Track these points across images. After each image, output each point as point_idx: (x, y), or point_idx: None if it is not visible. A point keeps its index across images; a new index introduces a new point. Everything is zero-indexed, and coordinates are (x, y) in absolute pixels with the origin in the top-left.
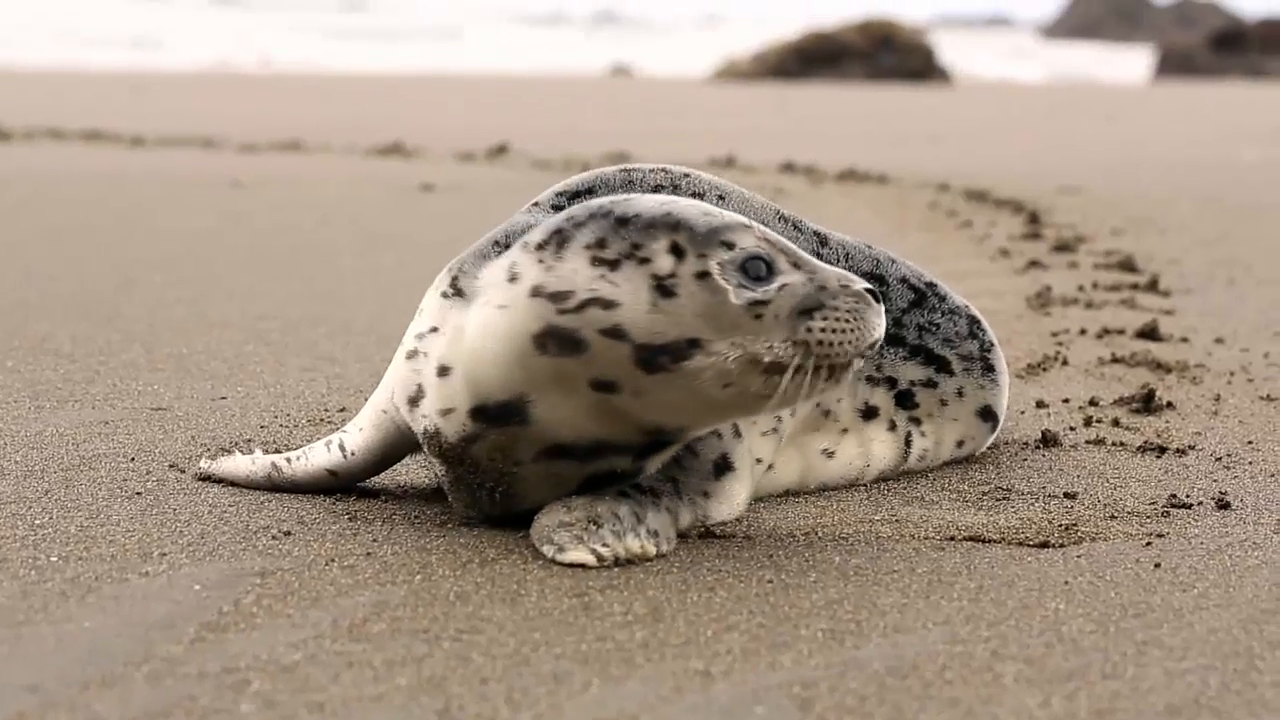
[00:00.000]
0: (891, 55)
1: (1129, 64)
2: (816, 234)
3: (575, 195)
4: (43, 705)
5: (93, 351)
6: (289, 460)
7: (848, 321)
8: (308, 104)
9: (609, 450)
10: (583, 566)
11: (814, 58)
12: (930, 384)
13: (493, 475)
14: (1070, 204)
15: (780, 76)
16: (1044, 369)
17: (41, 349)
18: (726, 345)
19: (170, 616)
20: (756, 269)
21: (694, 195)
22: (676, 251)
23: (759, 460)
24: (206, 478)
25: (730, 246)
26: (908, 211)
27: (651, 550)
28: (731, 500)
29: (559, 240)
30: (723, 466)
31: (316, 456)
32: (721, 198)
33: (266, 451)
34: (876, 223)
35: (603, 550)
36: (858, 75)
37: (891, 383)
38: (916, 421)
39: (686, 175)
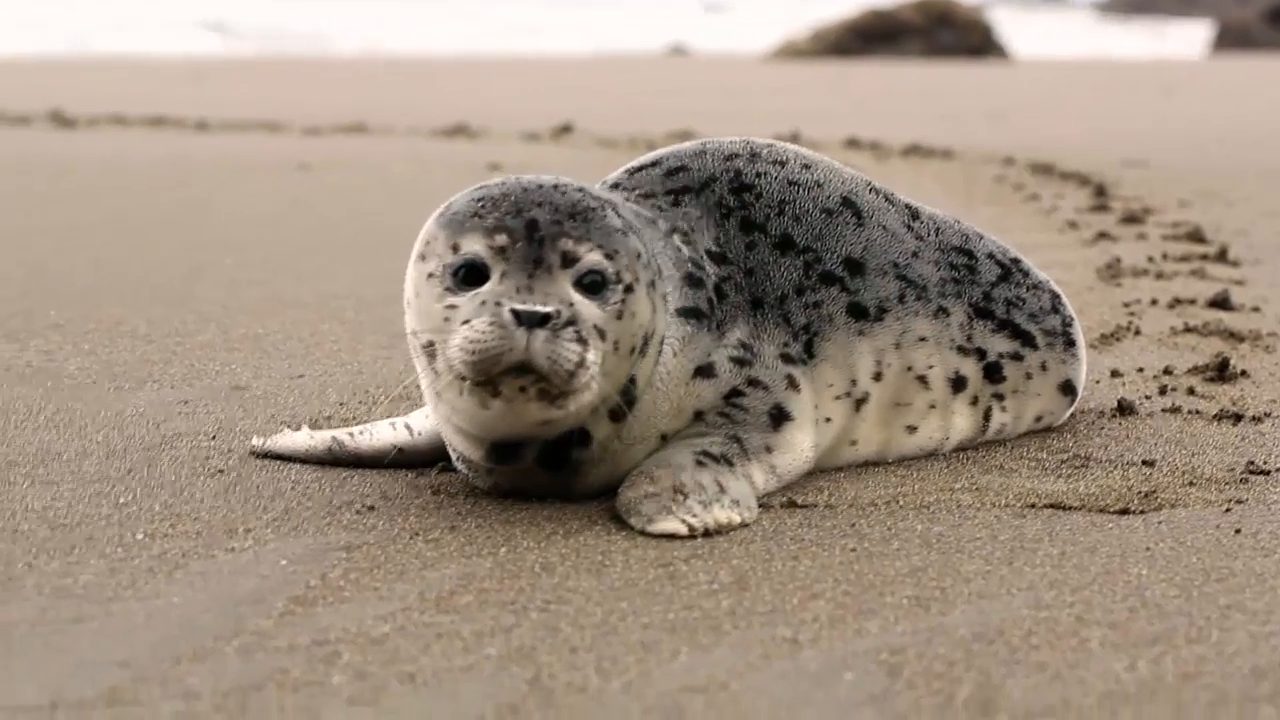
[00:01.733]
0: (950, 32)
1: (1186, 39)
2: (908, 206)
3: (639, 170)
4: (135, 680)
5: (168, 333)
6: (351, 435)
7: (473, 339)
8: (370, 86)
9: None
10: (671, 536)
11: (872, 35)
12: (1016, 357)
13: None
14: (1136, 177)
15: (839, 54)
16: (1117, 339)
17: (117, 331)
18: (441, 349)
19: (258, 591)
20: (472, 275)
21: (776, 163)
22: (434, 252)
23: (829, 419)
24: (265, 455)
25: (455, 250)
26: (974, 185)
27: (737, 519)
28: (795, 449)
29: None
30: (779, 417)
31: (382, 433)
32: (807, 166)
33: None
34: (944, 197)
35: (691, 520)
36: (916, 52)
37: (981, 354)
38: (999, 397)
39: (770, 145)
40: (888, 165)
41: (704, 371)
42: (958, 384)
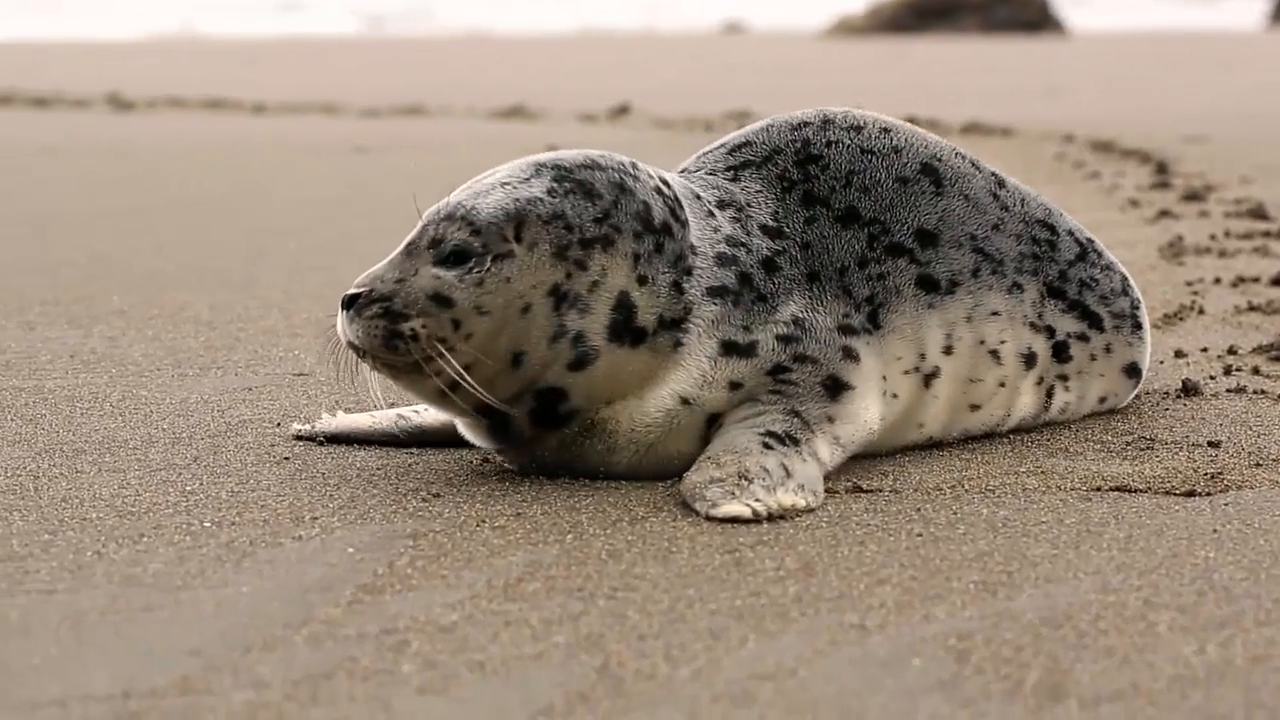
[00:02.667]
0: (1006, 7)
1: (1243, 11)
2: (994, 175)
3: (707, 152)
4: (206, 668)
5: (231, 319)
6: (416, 412)
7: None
8: (425, 68)
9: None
10: (735, 521)
11: (928, 11)
12: (1083, 338)
13: None
14: (1197, 153)
15: (895, 31)
16: (1180, 318)
17: (180, 317)
18: None
19: (326, 579)
20: (457, 256)
21: (852, 129)
22: None
23: (895, 395)
24: (328, 439)
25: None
26: (1035, 164)
27: (802, 503)
28: (858, 419)
29: None
30: (835, 387)
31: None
32: (886, 130)
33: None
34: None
35: (756, 505)
36: (972, 28)
37: (1050, 332)
38: (1063, 378)
39: (847, 111)
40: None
41: (736, 348)
42: (1029, 360)
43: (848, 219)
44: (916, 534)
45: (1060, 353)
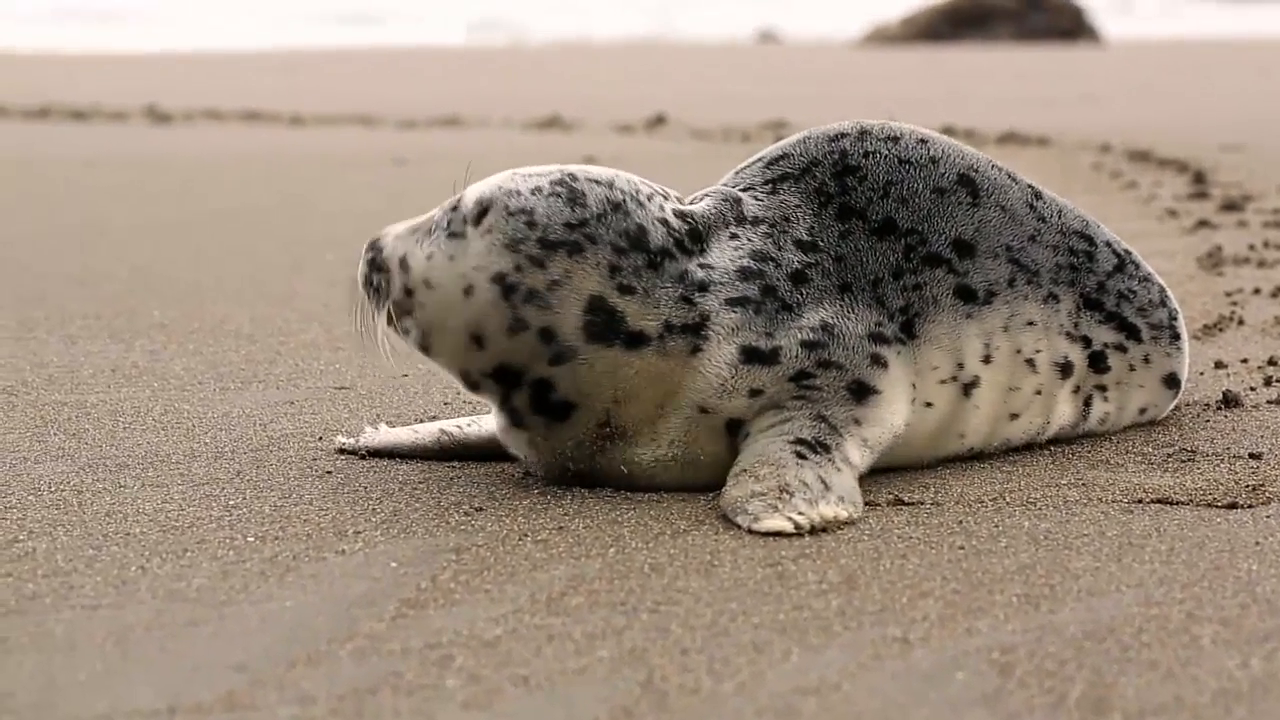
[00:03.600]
0: (1041, 15)
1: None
2: (1030, 187)
3: (745, 168)
4: (252, 684)
5: (272, 332)
6: (459, 427)
7: None
8: (462, 78)
9: None
10: (779, 534)
11: (962, 19)
12: (1121, 349)
13: None
14: (1234, 161)
15: (930, 39)
16: (1220, 329)
17: (221, 330)
18: None
19: (370, 594)
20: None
21: (889, 139)
22: None
23: (929, 404)
24: (370, 453)
25: None
26: (1072, 173)
27: (844, 515)
28: (884, 423)
29: None
30: (861, 391)
31: (490, 425)
32: (923, 141)
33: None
34: (1041, 186)
35: (799, 518)
36: (1007, 36)
37: (1087, 342)
38: (1101, 388)
39: (884, 124)
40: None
41: (757, 355)
42: (1065, 369)
43: (885, 231)
44: (959, 547)
45: (1097, 363)
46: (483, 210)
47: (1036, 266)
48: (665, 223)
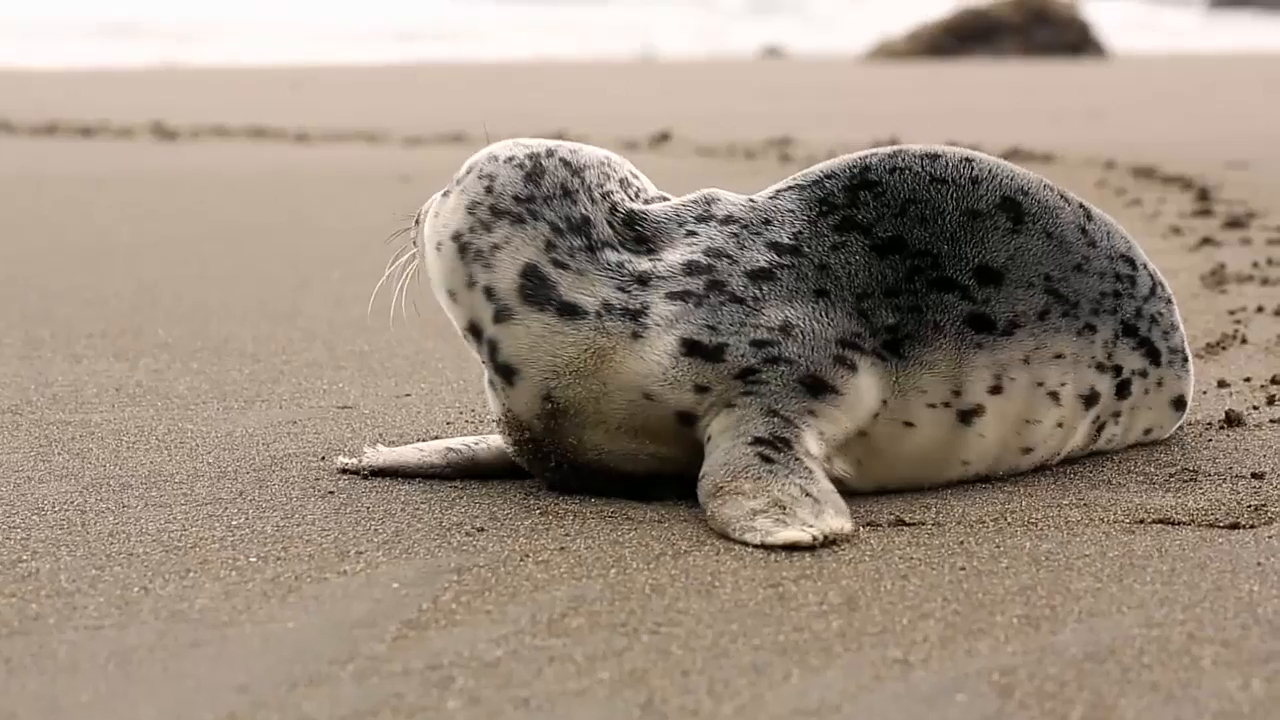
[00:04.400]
0: (1047, 29)
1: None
2: (1082, 206)
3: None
4: (253, 705)
5: (276, 351)
6: (466, 444)
7: None
8: (466, 94)
9: None
10: (796, 547)
11: (968, 34)
12: (1143, 374)
13: None
14: (1239, 179)
15: (935, 54)
16: (1223, 348)
17: (225, 349)
18: None
19: (372, 615)
20: None
21: (926, 157)
22: None
23: (910, 424)
24: (374, 472)
25: None
26: (1076, 190)
27: (848, 528)
28: (839, 424)
29: None
30: (817, 387)
31: (499, 443)
32: (968, 160)
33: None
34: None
35: (811, 529)
36: (1012, 51)
37: (1117, 370)
38: (1116, 414)
39: (930, 146)
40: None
41: (699, 349)
42: (1090, 400)
43: (890, 248)
44: (960, 568)
45: (1122, 390)
46: (467, 171)
47: (1077, 297)
48: (610, 222)
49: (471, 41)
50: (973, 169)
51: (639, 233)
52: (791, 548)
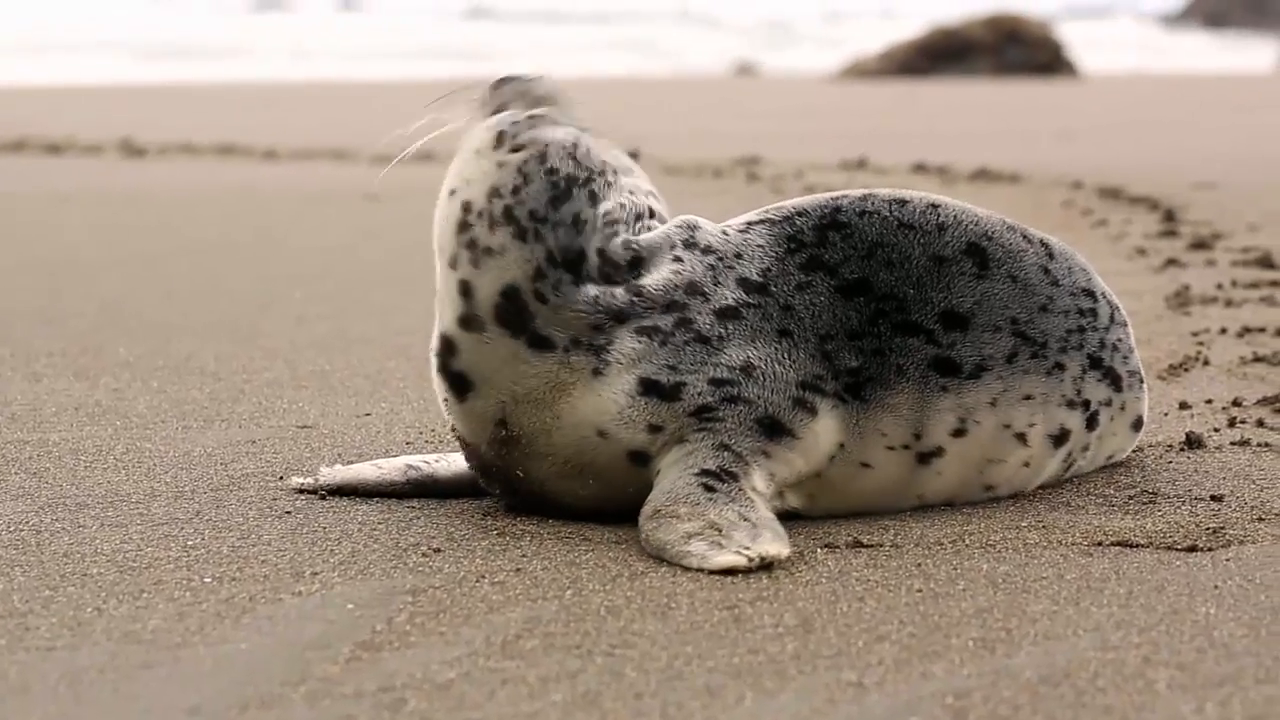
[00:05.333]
0: (1019, 49)
1: (1256, 54)
2: (1044, 244)
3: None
4: None
5: (236, 370)
6: (427, 462)
7: None
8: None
9: None
10: (733, 571)
11: (940, 54)
12: (1108, 403)
13: None
14: (1205, 200)
15: (907, 74)
16: (1185, 369)
17: (186, 368)
18: None
19: (325, 636)
20: None
21: (895, 202)
22: None
23: (867, 465)
24: (335, 491)
25: None
26: (1042, 211)
27: (785, 553)
28: (792, 466)
29: None
30: (773, 429)
31: (459, 461)
32: (934, 206)
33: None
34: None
35: (747, 553)
36: (984, 71)
37: (1086, 405)
38: (1086, 447)
39: (900, 191)
40: (955, 190)
41: (656, 389)
42: (1060, 439)
43: (854, 290)
44: (916, 590)
45: (1091, 423)
46: (519, 146)
47: (1044, 338)
48: (603, 254)
49: (459, 60)
50: (939, 215)
51: (630, 259)
52: (728, 572)
